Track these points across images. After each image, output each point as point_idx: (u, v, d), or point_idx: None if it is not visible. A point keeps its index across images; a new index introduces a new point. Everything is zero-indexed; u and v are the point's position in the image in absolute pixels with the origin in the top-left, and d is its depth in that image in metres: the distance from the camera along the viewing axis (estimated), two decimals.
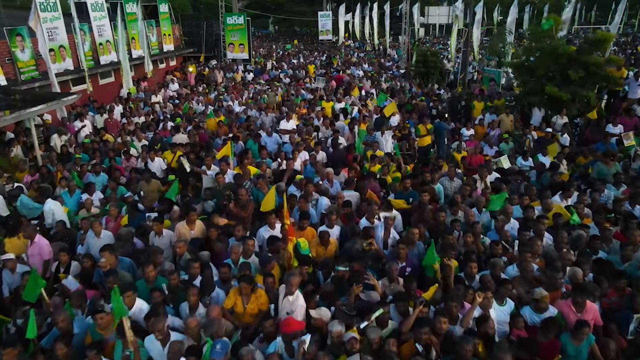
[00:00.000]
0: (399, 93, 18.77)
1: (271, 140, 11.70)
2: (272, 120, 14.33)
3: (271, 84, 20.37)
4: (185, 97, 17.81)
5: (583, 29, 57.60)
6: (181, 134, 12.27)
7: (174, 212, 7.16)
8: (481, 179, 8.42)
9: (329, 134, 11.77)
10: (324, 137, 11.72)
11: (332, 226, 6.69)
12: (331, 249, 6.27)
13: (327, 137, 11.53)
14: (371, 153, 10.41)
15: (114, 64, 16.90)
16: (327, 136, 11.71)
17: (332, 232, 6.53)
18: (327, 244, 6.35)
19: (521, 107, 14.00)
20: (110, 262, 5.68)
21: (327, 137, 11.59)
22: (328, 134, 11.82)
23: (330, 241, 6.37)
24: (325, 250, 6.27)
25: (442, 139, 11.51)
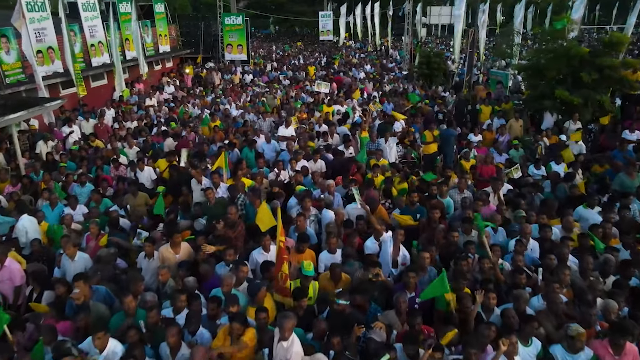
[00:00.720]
0: (401, 96, 18.14)
1: (269, 147, 11.07)
2: (271, 125, 13.70)
3: (270, 86, 19.74)
4: (181, 100, 17.18)
5: (586, 29, 57.02)
6: (171, 140, 11.64)
7: (156, 234, 6.51)
8: (494, 192, 7.77)
9: (338, 141, 11.13)
10: (334, 145, 11.04)
11: (334, 251, 6.01)
12: (343, 287, 5.34)
13: (336, 145, 10.87)
14: (374, 162, 9.79)
15: (107, 66, 16.29)
16: (336, 144, 11.04)
17: (334, 257, 5.86)
18: (339, 279, 5.46)
19: (531, 111, 13.37)
20: (84, 293, 5.04)
21: (335, 145, 10.92)
22: (336, 142, 11.16)
23: (343, 277, 5.45)
24: (335, 287, 5.38)
25: (450, 146, 10.88)
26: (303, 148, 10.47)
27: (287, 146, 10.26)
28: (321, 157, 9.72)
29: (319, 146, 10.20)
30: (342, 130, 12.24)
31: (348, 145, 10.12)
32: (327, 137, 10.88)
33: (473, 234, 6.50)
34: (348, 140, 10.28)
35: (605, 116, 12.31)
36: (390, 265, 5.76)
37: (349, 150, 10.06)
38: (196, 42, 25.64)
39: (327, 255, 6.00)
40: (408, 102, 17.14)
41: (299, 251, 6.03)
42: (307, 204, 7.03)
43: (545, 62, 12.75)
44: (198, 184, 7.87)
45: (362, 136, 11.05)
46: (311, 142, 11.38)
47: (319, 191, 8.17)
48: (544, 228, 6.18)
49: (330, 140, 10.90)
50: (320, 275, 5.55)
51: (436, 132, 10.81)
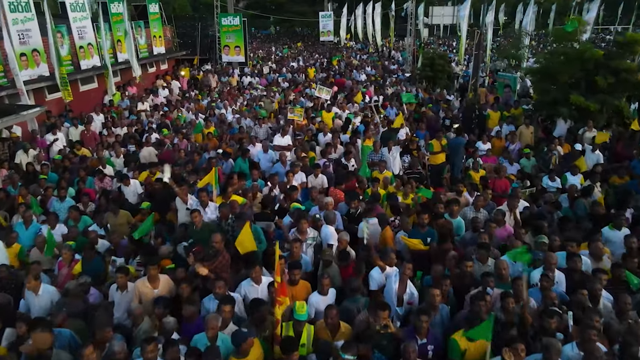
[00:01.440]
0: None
1: (266, 157, 10.36)
2: (267, 132, 13.00)
3: (268, 89, 19.02)
4: (175, 104, 16.47)
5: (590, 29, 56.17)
6: (148, 149, 10.94)
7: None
8: (511, 212, 7.04)
9: (340, 151, 10.39)
10: (337, 156, 10.29)
11: (326, 292, 5.20)
12: (343, 338, 4.54)
13: (339, 156, 10.14)
14: (377, 174, 9.07)
15: (97, 69, 15.59)
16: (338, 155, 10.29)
17: (325, 300, 5.08)
18: (336, 329, 4.68)
19: (542, 117, 12.64)
20: (43, 341, 4.31)
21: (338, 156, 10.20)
22: (339, 152, 10.40)
23: (342, 327, 4.66)
24: (334, 339, 4.60)
25: (459, 156, 10.16)
26: (300, 159, 9.77)
27: (281, 157, 9.52)
28: (324, 171, 8.98)
29: (325, 162, 9.40)
30: (343, 138, 11.55)
31: (349, 158, 9.37)
32: (330, 148, 10.08)
33: (490, 262, 5.79)
34: (349, 152, 9.52)
35: (623, 122, 11.59)
36: (394, 304, 5.04)
37: (350, 162, 9.33)
38: (193, 44, 24.95)
39: (317, 298, 5.14)
40: (411, 106, 16.44)
41: (292, 282, 5.31)
42: (303, 227, 6.31)
43: (557, 66, 12.02)
44: (182, 203, 7.14)
45: (365, 145, 10.35)
46: (312, 151, 10.68)
47: (317, 208, 7.47)
48: (573, 258, 5.43)
49: (333, 154, 10.09)
50: (315, 323, 4.80)
51: (444, 140, 10.08)
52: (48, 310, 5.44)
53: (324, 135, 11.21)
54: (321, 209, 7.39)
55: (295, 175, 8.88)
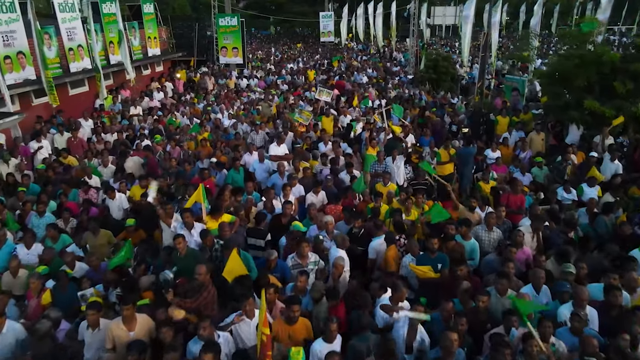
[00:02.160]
0: (407, 103, 16.77)
1: (262, 167, 9.71)
2: (264, 139, 12.35)
3: (267, 92, 18.36)
4: (170, 108, 15.84)
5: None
6: (133, 159, 10.30)
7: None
8: (534, 234, 6.37)
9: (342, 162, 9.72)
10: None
11: (333, 338, 4.42)
12: None
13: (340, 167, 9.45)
14: (380, 187, 8.43)
15: (88, 72, 14.94)
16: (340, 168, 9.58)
17: (331, 347, 4.37)
18: None
19: (553, 123, 11.98)
20: None
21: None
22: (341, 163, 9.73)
23: None
24: None
25: (469, 167, 9.51)
26: (299, 170, 9.13)
27: (279, 168, 8.88)
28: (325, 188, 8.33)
29: (327, 176, 8.73)
30: (343, 147, 10.90)
31: (350, 170, 8.71)
32: (326, 159, 9.40)
33: (510, 292, 5.14)
34: (350, 164, 8.85)
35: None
36: (403, 351, 4.40)
37: (351, 174, 8.68)
38: (190, 45, 24.31)
39: (321, 346, 4.38)
40: (415, 110, 15.80)
41: (289, 321, 4.66)
42: (304, 251, 5.66)
43: (570, 68, 11.36)
44: (166, 225, 6.48)
45: (368, 154, 9.70)
46: (314, 160, 10.04)
47: (316, 227, 6.84)
48: (612, 291, 4.76)
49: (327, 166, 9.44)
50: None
51: (452, 150, 9.43)
52: (12, 352, 4.81)
53: (324, 144, 10.50)
54: (320, 229, 6.77)
55: (292, 188, 8.26)
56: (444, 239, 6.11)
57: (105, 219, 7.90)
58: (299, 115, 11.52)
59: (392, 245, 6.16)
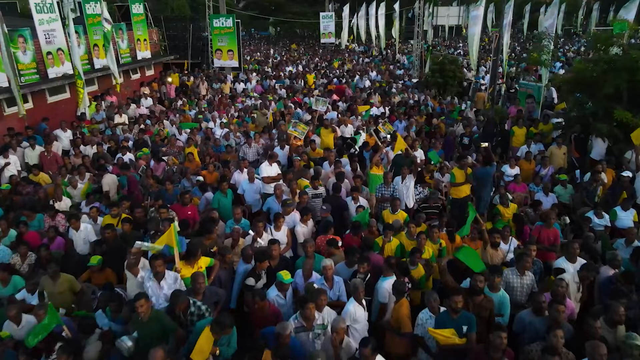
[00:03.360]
0: (413, 109, 15.65)
1: (252, 188, 8.59)
2: (257, 153, 11.23)
3: (263, 97, 17.21)
4: (159, 116, 14.73)
5: (601, 30, 54.16)
6: (112, 176, 9.21)
7: None
8: (581, 285, 5.23)
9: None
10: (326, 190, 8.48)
11: None
12: None
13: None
14: (388, 214, 7.31)
15: (69, 77, 13.83)
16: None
17: None
18: None
19: (576, 135, 10.84)
20: None
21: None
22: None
23: None
24: None
25: (488, 189, 8.36)
26: (296, 193, 8.02)
27: (275, 190, 7.76)
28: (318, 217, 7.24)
29: (323, 207, 7.59)
30: (344, 163, 9.76)
31: (356, 197, 7.56)
32: (317, 184, 8.18)
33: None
34: (356, 189, 7.71)
35: None
36: None
37: (357, 202, 7.52)
38: (184, 47, 23.19)
39: None
40: (422, 117, 14.67)
41: None
42: (309, 313, 4.54)
43: (598, 75, 10.24)
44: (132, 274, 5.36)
45: (372, 173, 8.57)
46: (316, 180, 8.96)
47: (321, 278, 5.67)
48: None
49: (320, 189, 8.23)
50: None
51: (469, 169, 8.29)
52: None
53: (329, 164, 9.29)
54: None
55: (287, 217, 7.15)
56: (470, 292, 4.98)
57: (69, 254, 6.79)
58: (294, 129, 10.39)
59: (403, 300, 5.03)
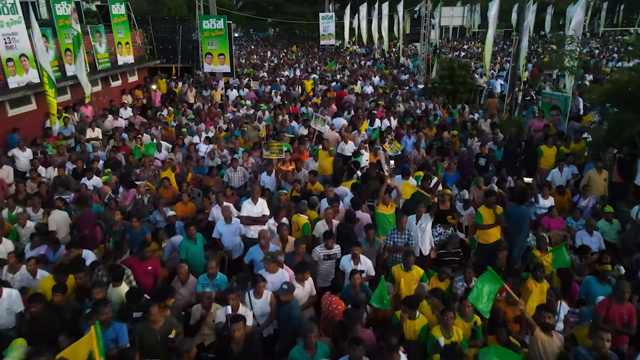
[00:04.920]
0: (421, 120, 14.06)
1: (230, 230, 6.98)
2: (244, 177, 9.63)
3: (256, 106, 15.59)
4: (138, 129, 13.13)
5: (608, 31, 52.44)
6: (61, 213, 7.65)
7: None
8: None
9: None
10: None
11: None
12: None
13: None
14: (398, 271, 5.72)
15: (34, 87, 12.24)
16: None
17: None
18: None
19: (620, 158, 9.26)
20: None
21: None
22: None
23: None
24: None
25: (522, 234, 6.74)
26: (287, 240, 6.43)
27: (261, 239, 6.14)
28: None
29: (320, 264, 5.95)
30: (342, 192, 8.14)
31: (356, 256, 5.87)
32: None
33: None
34: (356, 243, 5.99)
35: None
36: None
37: (358, 266, 5.84)
38: (173, 50, 21.60)
39: None
40: (431, 130, 13.05)
41: None
42: None
43: None
44: None
45: (380, 212, 6.95)
46: (312, 210, 7.33)
47: None
48: None
49: (335, 249, 6.34)
50: None
51: (500, 209, 6.69)
52: None
53: (328, 201, 7.51)
54: None
55: (273, 276, 5.55)
56: None
57: None
58: (268, 152, 8.83)
59: None
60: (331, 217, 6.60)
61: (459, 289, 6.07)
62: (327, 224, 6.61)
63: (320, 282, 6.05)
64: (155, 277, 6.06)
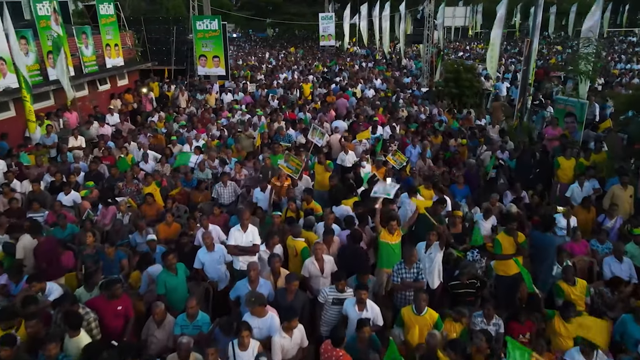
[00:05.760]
0: (425, 126, 13.26)
1: (212, 258, 6.16)
2: (235, 193, 8.82)
3: (251, 111, 14.75)
4: (127, 136, 12.32)
5: (612, 32, 51.58)
6: (29, 239, 6.83)
7: None
8: None
9: None
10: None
11: None
12: None
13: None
14: (408, 314, 4.90)
15: (14, 92, 11.43)
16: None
17: None
18: None
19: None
20: None
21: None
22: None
23: None
24: None
25: (547, 263, 5.93)
26: (279, 273, 5.61)
27: (250, 275, 5.31)
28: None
29: (327, 308, 5.10)
30: (342, 212, 7.30)
31: (362, 301, 4.94)
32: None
33: None
34: (363, 287, 5.02)
35: None
36: None
37: (364, 312, 4.95)
38: (167, 51, 20.77)
39: None
40: (437, 138, 12.21)
41: None
42: None
43: None
44: None
45: (382, 241, 6.10)
46: (309, 231, 6.48)
47: None
48: None
49: (347, 293, 5.28)
50: None
51: (522, 237, 5.86)
52: None
53: (327, 223, 6.65)
54: None
55: (258, 321, 4.74)
56: None
57: None
58: (285, 164, 7.99)
59: None
60: (322, 254, 5.69)
61: (477, 325, 5.29)
62: (316, 262, 5.69)
63: (325, 329, 5.19)
64: (126, 319, 5.24)
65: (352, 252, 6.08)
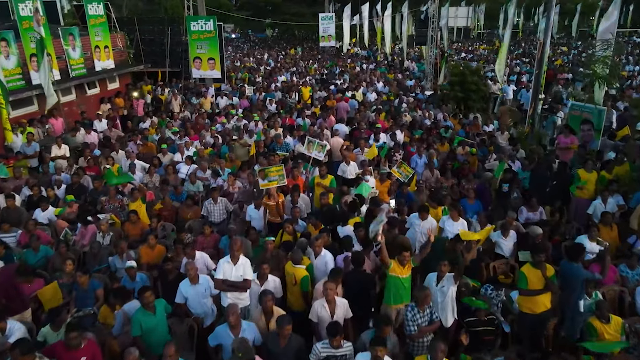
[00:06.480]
0: (430, 132, 12.55)
1: (196, 292, 5.41)
2: (227, 211, 8.09)
3: (248, 116, 13.98)
4: (114, 144, 11.59)
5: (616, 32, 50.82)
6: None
7: None
8: None
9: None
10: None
11: None
12: None
13: None
14: None
15: None
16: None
17: None
18: None
19: None
20: None
21: None
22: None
23: None
24: None
25: (575, 295, 5.19)
26: (271, 313, 4.87)
27: (229, 318, 4.55)
28: None
29: None
30: (346, 232, 6.56)
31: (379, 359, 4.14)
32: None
33: None
34: (381, 342, 4.11)
35: None
36: None
37: None
38: (162, 53, 20.03)
39: None
40: (444, 146, 11.48)
41: None
42: None
43: None
44: None
45: (391, 274, 5.33)
46: (305, 256, 5.74)
47: None
48: None
49: (346, 348, 4.51)
50: None
51: (550, 270, 5.12)
52: None
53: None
54: None
55: None
56: None
57: None
58: (266, 181, 7.25)
59: None
60: (333, 295, 4.92)
61: None
62: (327, 304, 4.87)
63: None
64: None
65: (355, 279, 5.37)
